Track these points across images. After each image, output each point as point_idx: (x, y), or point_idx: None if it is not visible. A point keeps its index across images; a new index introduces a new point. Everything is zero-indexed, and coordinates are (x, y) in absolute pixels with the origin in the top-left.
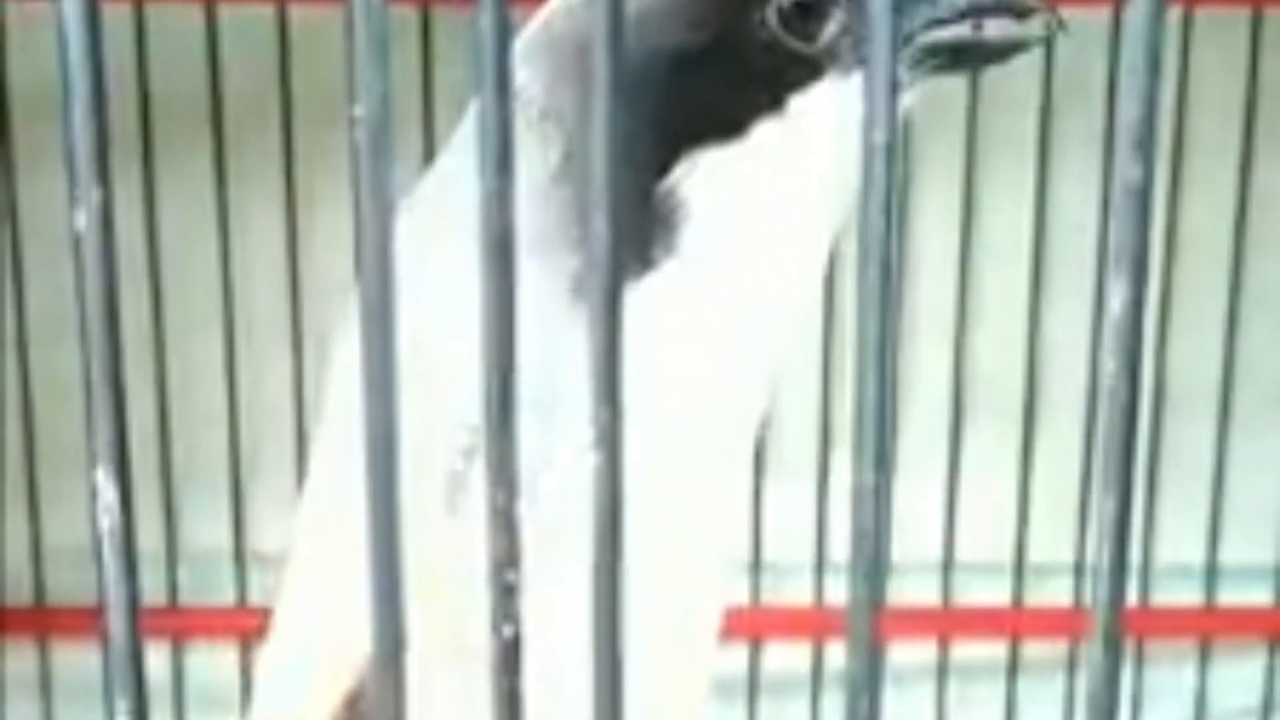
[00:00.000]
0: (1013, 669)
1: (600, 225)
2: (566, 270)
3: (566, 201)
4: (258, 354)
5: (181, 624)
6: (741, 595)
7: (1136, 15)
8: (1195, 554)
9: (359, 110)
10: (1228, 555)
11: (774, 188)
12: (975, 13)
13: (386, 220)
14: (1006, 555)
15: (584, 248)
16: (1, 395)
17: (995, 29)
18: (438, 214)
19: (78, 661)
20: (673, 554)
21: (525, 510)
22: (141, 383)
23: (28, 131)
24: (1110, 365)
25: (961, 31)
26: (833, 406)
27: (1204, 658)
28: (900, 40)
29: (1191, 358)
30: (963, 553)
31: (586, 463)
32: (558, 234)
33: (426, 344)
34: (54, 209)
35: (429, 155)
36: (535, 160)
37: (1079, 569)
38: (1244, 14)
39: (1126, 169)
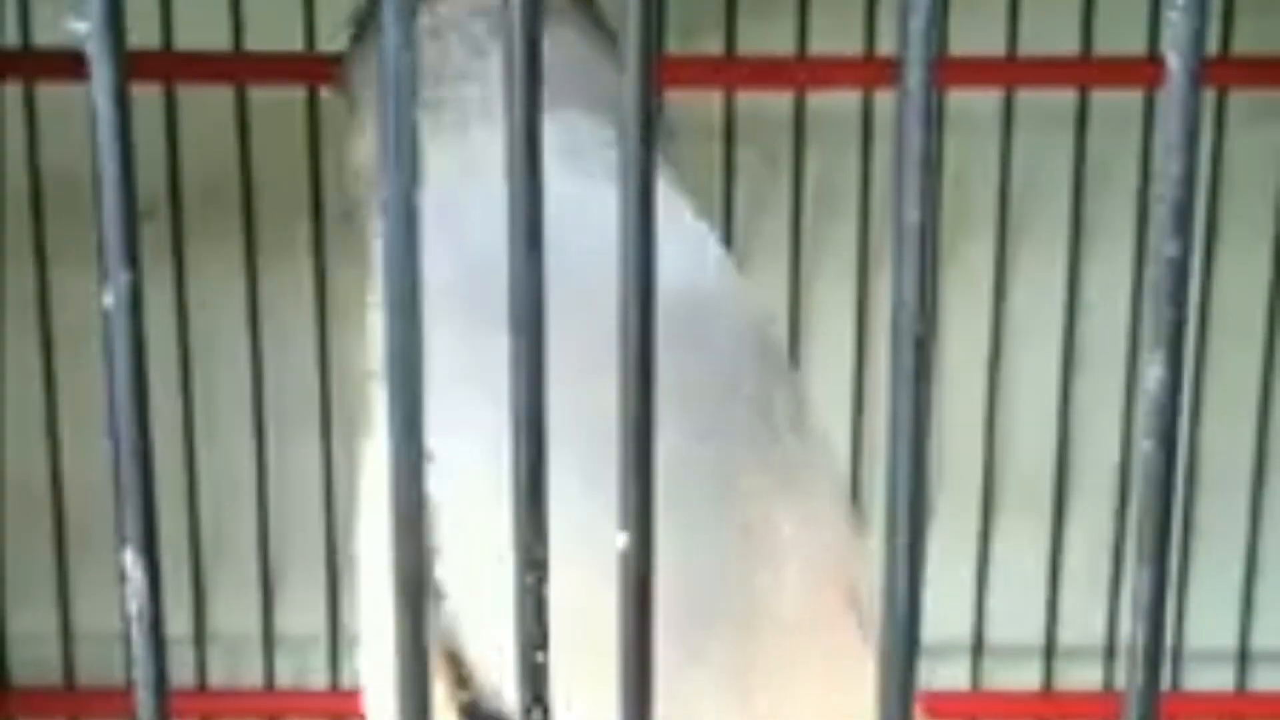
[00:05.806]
0: None
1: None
2: None
3: None
4: (287, 439)
5: (210, 707)
6: None
7: (1173, 91)
8: (1227, 638)
9: (386, 194)
10: (1260, 640)
11: None
12: None
13: (414, 304)
14: (1036, 638)
15: None
16: (33, 475)
17: None
18: None
19: None
20: None
21: None
22: (170, 465)
23: (58, 215)
24: (1146, 442)
25: None
26: (865, 484)
27: None
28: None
29: (1224, 440)
30: (992, 636)
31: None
32: None
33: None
34: (84, 294)
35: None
36: None
37: (1110, 653)
38: (1278, 95)
39: (1164, 245)
